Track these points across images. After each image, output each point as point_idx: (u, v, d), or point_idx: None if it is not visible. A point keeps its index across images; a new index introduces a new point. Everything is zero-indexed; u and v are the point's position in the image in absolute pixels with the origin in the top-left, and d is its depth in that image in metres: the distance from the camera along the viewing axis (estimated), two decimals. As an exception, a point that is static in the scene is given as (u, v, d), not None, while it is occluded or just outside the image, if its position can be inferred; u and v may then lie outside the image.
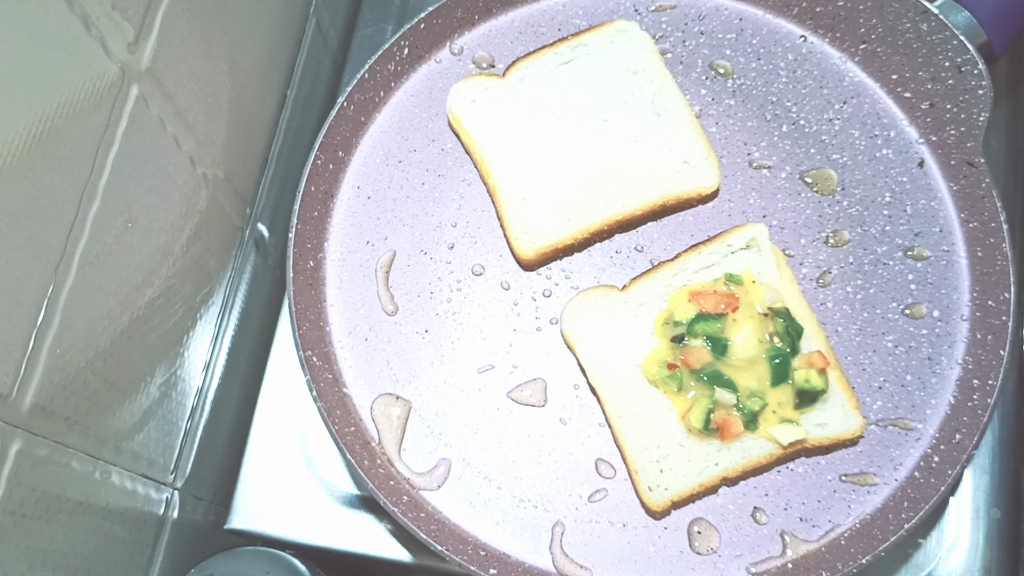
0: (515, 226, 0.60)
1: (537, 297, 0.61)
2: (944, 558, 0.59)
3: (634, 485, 0.56)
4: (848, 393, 0.57)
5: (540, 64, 0.64)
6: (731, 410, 0.55)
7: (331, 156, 0.62)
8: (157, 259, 0.52)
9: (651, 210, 0.61)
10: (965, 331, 0.59)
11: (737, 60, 0.65)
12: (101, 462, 0.48)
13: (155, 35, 0.48)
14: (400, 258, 0.62)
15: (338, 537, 0.61)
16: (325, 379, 0.58)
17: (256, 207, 0.66)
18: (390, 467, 0.57)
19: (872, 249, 0.61)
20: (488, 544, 0.56)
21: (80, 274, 0.44)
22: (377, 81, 0.63)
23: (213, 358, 0.62)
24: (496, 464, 0.58)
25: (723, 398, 0.55)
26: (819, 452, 0.57)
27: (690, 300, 0.58)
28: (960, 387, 0.58)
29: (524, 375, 0.59)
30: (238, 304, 0.65)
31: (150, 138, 0.49)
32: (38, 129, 0.39)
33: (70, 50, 0.41)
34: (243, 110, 0.61)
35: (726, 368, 0.56)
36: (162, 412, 0.56)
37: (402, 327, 0.60)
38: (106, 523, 0.49)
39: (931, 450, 0.57)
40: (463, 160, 0.64)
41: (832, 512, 0.56)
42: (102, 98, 0.44)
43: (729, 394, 0.55)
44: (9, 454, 0.40)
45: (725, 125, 0.64)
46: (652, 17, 0.66)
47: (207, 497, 0.63)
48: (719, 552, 0.56)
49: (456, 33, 0.66)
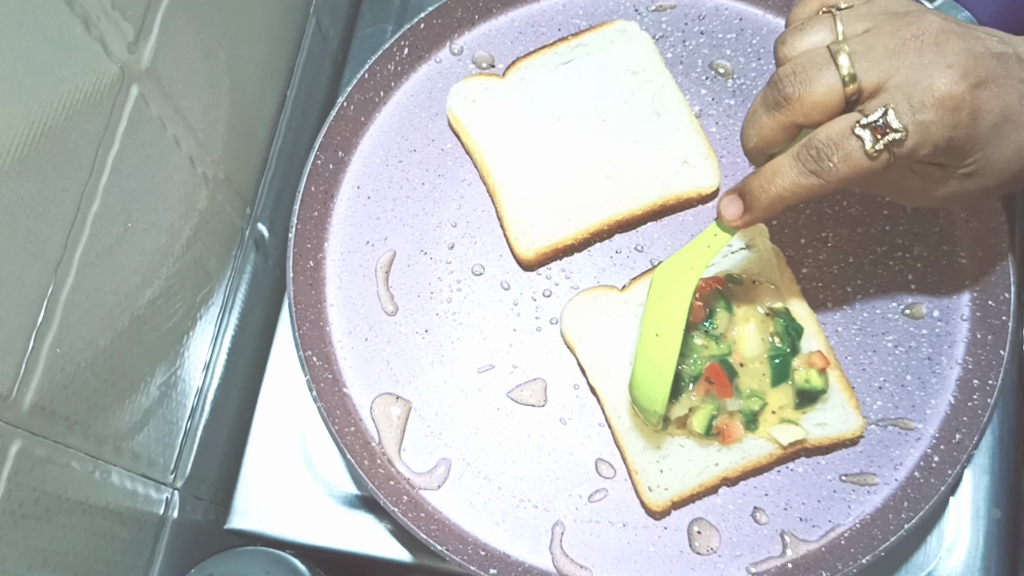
0: (515, 226, 0.60)
1: (537, 297, 0.61)
2: (944, 558, 0.59)
3: (634, 485, 0.56)
4: (848, 393, 0.57)
5: (540, 64, 0.64)
6: (734, 414, 0.55)
7: (331, 156, 0.62)
8: (157, 259, 0.52)
9: (651, 210, 0.61)
10: (965, 331, 0.59)
11: (737, 60, 0.65)
12: (101, 462, 0.49)
13: (155, 35, 0.48)
14: (400, 258, 0.62)
15: (338, 537, 0.61)
16: (325, 379, 0.58)
17: (256, 207, 0.66)
18: (390, 467, 0.57)
19: (872, 249, 0.61)
20: (488, 544, 0.56)
21: (80, 274, 0.44)
22: (377, 81, 0.63)
23: (213, 358, 0.62)
24: (496, 464, 0.58)
25: (728, 403, 0.55)
26: (819, 452, 0.57)
27: None
28: (960, 387, 0.58)
29: (524, 375, 0.59)
30: (238, 304, 0.65)
31: (150, 138, 0.49)
32: (38, 129, 0.39)
33: (70, 50, 0.41)
34: (243, 110, 0.61)
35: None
36: (162, 412, 0.56)
37: (402, 327, 0.60)
38: (106, 523, 0.49)
39: (931, 450, 0.57)
40: (463, 160, 0.64)
41: (832, 512, 0.56)
42: (102, 98, 0.44)
43: (733, 400, 0.55)
44: (9, 454, 0.40)
45: (725, 125, 0.64)
46: (652, 17, 0.66)
47: (207, 497, 0.63)
48: (719, 552, 0.56)
49: (456, 33, 0.66)
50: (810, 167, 0.45)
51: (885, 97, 0.44)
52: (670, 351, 0.50)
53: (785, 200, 0.47)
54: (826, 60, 0.45)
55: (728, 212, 0.50)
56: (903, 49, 0.44)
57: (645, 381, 0.52)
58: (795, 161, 0.46)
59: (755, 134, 0.48)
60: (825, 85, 0.44)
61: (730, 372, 0.55)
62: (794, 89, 0.45)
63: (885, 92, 0.44)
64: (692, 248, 0.52)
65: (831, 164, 0.44)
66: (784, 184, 0.46)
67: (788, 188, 0.46)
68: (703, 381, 0.54)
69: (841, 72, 0.44)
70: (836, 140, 0.44)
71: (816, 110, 0.45)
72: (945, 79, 0.43)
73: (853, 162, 0.44)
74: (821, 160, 0.45)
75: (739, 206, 0.49)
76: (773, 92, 0.46)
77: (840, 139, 0.44)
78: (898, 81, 0.44)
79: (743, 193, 0.49)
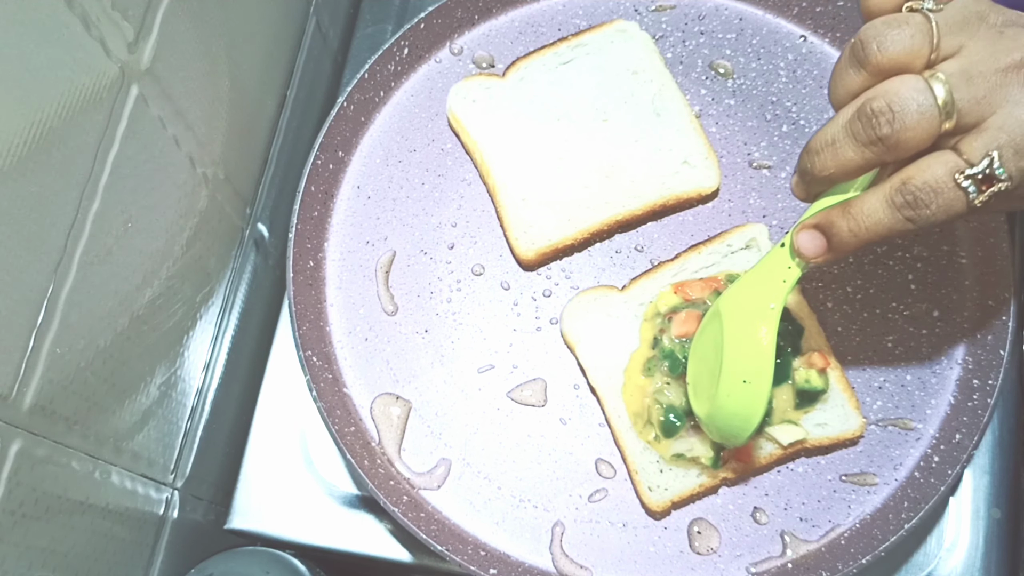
0: (515, 226, 0.60)
1: (537, 297, 0.61)
2: (944, 558, 0.59)
3: (634, 485, 0.56)
4: (848, 393, 0.57)
5: (540, 64, 0.64)
6: None
7: (331, 156, 0.62)
8: (157, 259, 0.52)
9: (651, 210, 0.61)
10: (965, 331, 0.59)
11: (737, 60, 0.65)
12: (101, 462, 0.49)
13: (155, 35, 0.48)
14: (400, 258, 0.62)
15: (338, 537, 0.61)
16: (325, 379, 0.58)
17: (256, 207, 0.66)
18: (390, 467, 0.57)
19: (872, 249, 0.61)
20: (488, 544, 0.56)
21: (80, 274, 0.44)
22: (377, 81, 0.63)
23: (213, 358, 0.62)
24: (496, 464, 0.58)
25: None
26: (819, 452, 0.57)
27: (675, 292, 0.57)
28: (960, 387, 0.58)
29: (524, 375, 0.59)
30: (238, 304, 0.65)
31: (150, 138, 0.49)
32: (38, 129, 0.39)
33: (70, 50, 0.41)
34: (243, 110, 0.61)
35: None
36: (162, 412, 0.56)
37: (402, 327, 0.60)
38: (106, 523, 0.49)
39: (931, 450, 0.57)
40: (463, 160, 0.64)
41: (832, 512, 0.56)
42: (102, 98, 0.44)
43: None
44: (9, 454, 0.40)
45: (725, 125, 0.64)
46: (652, 17, 0.66)
47: (207, 497, 0.63)
48: (719, 552, 0.56)
49: (456, 33, 0.66)
50: (906, 214, 0.42)
51: (987, 139, 0.40)
52: (761, 397, 0.48)
53: (873, 243, 0.44)
54: (923, 93, 0.41)
55: (810, 249, 0.46)
56: (1006, 82, 0.40)
57: (731, 424, 0.50)
58: (889, 205, 0.42)
59: (834, 165, 0.44)
60: (924, 123, 0.41)
61: None
62: (891, 130, 0.41)
63: (987, 132, 0.40)
64: (761, 279, 0.49)
65: (928, 212, 0.42)
66: (876, 229, 0.43)
67: (880, 233, 0.43)
68: None
69: (939, 103, 0.40)
70: (936, 188, 0.41)
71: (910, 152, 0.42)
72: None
73: (952, 212, 0.41)
74: (919, 207, 0.42)
75: (822, 244, 0.46)
76: (867, 129, 0.42)
77: (941, 188, 0.41)
78: (1002, 121, 0.40)
79: (826, 231, 0.46)
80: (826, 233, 0.46)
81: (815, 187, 0.47)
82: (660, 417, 0.55)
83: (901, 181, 0.42)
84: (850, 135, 0.43)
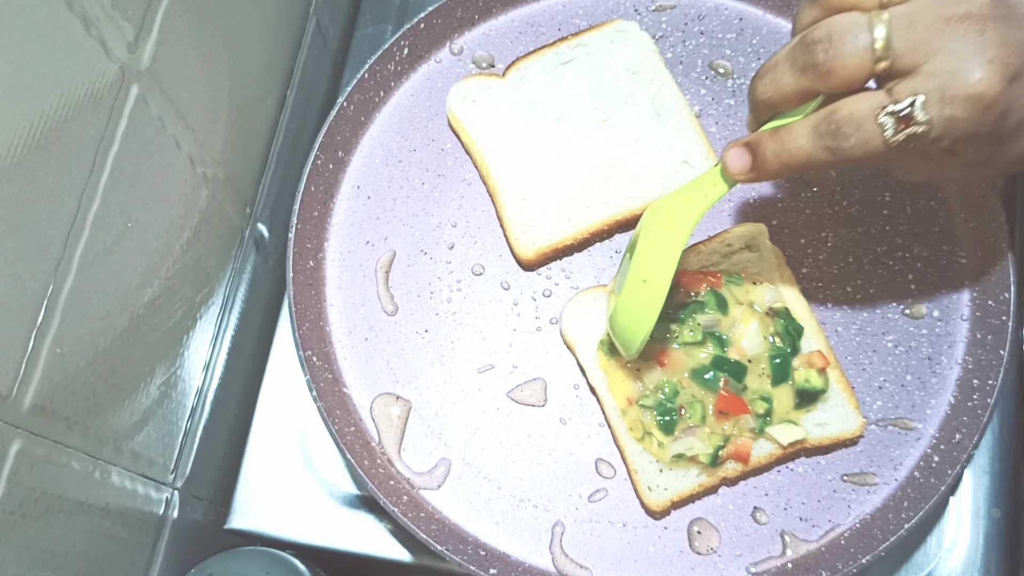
0: (515, 226, 0.60)
1: (537, 297, 0.61)
2: (944, 558, 0.59)
3: (634, 485, 0.56)
4: (848, 393, 0.57)
5: (540, 64, 0.64)
6: (743, 431, 0.55)
7: (331, 156, 0.62)
8: (157, 259, 0.52)
9: (651, 210, 0.61)
10: (965, 331, 0.59)
11: (737, 60, 0.65)
12: (101, 462, 0.49)
13: (155, 35, 0.48)
14: (400, 258, 0.62)
15: (338, 537, 0.61)
16: (325, 379, 0.58)
17: (256, 207, 0.66)
18: (390, 467, 0.57)
19: (872, 249, 0.61)
20: (488, 544, 0.56)
21: (80, 274, 0.44)
22: (377, 81, 0.63)
23: (213, 358, 0.62)
24: (496, 464, 0.58)
25: (744, 420, 0.55)
26: (819, 452, 0.57)
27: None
28: (960, 387, 0.58)
29: (524, 375, 0.59)
30: (238, 304, 0.65)
31: (150, 138, 0.49)
32: (38, 129, 0.39)
33: (70, 50, 0.41)
34: (243, 110, 0.61)
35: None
36: (162, 412, 0.56)
37: (402, 327, 0.60)
38: (106, 523, 0.49)
39: (931, 450, 0.57)
40: (463, 160, 0.64)
41: (832, 512, 0.56)
42: (102, 98, 0.44)
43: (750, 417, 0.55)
44: (9, 454, 0.40)
45: (725, 125, 0.64)
46: (652, 17, 0.66)
47: (207, 497, 0.63)
48: (719, 552, 0.56)
49: (456, 33, 0.66)
50: (826, 143, 0.44)
51: (916, 83, 0.42)
52: (655, 301, 0.50)
53: (794, 169, 0.46)
54: (863, 29, 0.42)
55: (736, 165, 0.48)
56: (946, 31, 0.41)
57: (627, 326, 0.52)
58: (813, 133, 0.44)
59: (772, 89, 0.46)
60: (857, 57, 0.42)
61: (737, 386, 0.55)
62: (825, 57, 0.43)
63: (918, 76, 0.42)
64: (688, 192, 0.51)
65: (846, 144, 0.43)
66: (798, 154, 0.45)
67: (801, 159, 0.45)
68: (718, 414, 0.54)
69: (875, 44, 0.42)
70: (857, 121, 0.43)
71: (842, 84, 0.43)
72: (983, 75, 0.41)
73: (869, 147, 0.43)
74: (838, 138, 0.43)
75: (747, 161, 0.48)
76: (803, 55, 0.44)
77: (862, 121, 0.43)
78: (934, 68, 0.41)
79: (754, 150, 0.47)
80: (753, 152, 0.48)
81: (758, 113, 0.49)
82: (654, 420, 0.55)
83: (829, 111, 0.44)
84: (789, 59, 0.45)
